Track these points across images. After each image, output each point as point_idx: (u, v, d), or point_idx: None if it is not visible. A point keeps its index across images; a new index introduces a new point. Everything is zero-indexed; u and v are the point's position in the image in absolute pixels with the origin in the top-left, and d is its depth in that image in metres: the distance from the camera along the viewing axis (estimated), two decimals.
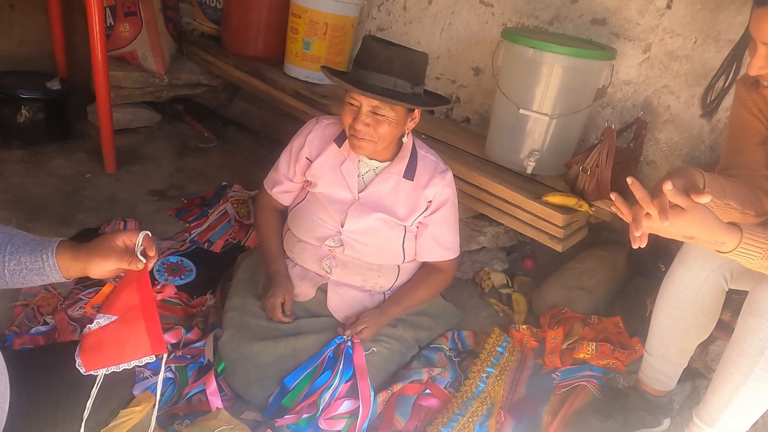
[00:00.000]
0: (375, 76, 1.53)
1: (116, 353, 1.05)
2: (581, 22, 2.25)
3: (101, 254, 1.05)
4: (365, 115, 1.56)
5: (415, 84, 1.58)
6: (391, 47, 1.55)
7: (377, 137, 1.59)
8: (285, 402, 1.54)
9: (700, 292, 1.45)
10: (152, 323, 1.04)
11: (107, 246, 1.06)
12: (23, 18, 2.97)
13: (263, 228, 1.87)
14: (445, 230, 1.77)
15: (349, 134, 1.64)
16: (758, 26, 1.17)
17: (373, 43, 1.55)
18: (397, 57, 1.54)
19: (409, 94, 1.57)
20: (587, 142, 2.31)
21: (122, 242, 1.07)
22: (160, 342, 1.05)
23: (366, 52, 1.56)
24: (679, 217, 1.03)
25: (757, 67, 1.20)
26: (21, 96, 2.70)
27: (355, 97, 1.56)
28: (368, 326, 1.64)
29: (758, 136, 1.37)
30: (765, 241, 1.08)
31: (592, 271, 2.09)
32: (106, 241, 1.07)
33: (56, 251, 1.05)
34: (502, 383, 1.76)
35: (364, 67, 1.56)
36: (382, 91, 1.52)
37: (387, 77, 1.53)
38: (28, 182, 2.50)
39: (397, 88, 1.55)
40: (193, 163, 2.93)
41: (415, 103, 1.56)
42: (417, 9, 2.78)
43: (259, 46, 3.00)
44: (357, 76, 1.57)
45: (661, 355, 1.54)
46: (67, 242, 1.09)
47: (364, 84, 1.54)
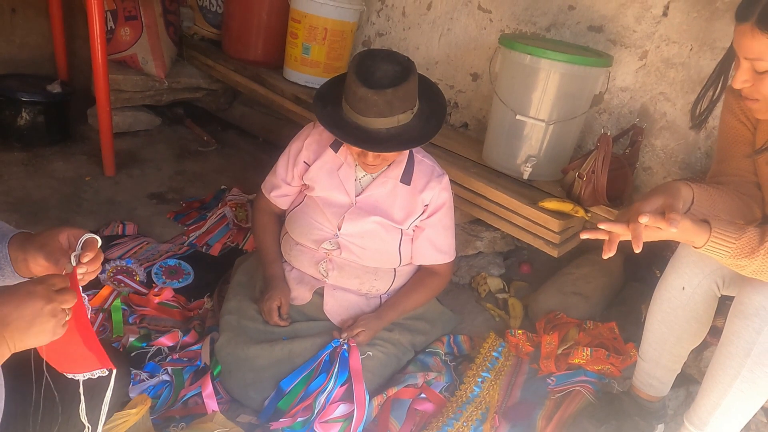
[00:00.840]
0: (376, 121, 1.53)
1: (66, 364, 0.96)
2: (578, 29, 2.27)
3: (36, 246, 0.95)
4: (373, 155, 1.60)
5: (413, 107, 1.59)
6: (387, 91, 1.48)
7: (387, 162, 1.67)
8: (281, 405, 1.55)
9: (692, 297, 1.45)
10: (88, 336, 0.92)
11: (47, 238, 0.96)
12: (24, 22, 2.99)
13: (261, 232, 1.88)
14: (442, 234, 1.78)
15: (359, 161, 1.68)
16: (739, 41, 1.19)
17: (366, 91, 1.48)
18: (395, 97, 1.50)
19: (412, 120, 1.59)
20: (584, 148, 2.32)
21: (66, 239, 0.96)
22: (103, 355, 0.94)
23: (361, 101, 1.51)
24: (653, 236, 1.13)
25: (740, 81, 1.23)
26: (22, 99, 2.71)
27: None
28: (365, 330, 1.65)
29: (746, 144, 1.39)
30: (733, 240, 1.11)
31: (588, 277, 2.10)
32: (50, 233, 0.96)
33: (10, 240, 0.97)
34: (497, 388, 1.76)
35: (363, 114, 1.53)
36: (388, 134, 1.54)
37: (388, 119, 1.54)
38: (28, 185, 2.51)
39: (400, 123, 1.56)
40: (193, 166, 2.95)
41: (421, 137, 1.58)
42: (416, 15, 2.79)
43: (259, 51, 3.01)
44: (357, 122, 1.55)
45: (655, 361, 1.55)
46: (25, 233, 1.00)
47: (370, 134, 1.54)
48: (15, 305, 0.80)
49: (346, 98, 1.57)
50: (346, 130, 1.55)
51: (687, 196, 1.18)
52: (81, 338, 0.91)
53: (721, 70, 1.40)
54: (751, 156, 1.38)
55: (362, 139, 1.53)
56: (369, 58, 1.54)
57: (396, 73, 1.52)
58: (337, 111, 1.60)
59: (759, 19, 1.13)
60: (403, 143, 1.56)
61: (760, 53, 1.15)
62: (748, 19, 1.15)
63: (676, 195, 1.16)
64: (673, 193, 1.16)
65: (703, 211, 1.19)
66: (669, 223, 1.07)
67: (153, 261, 2.13)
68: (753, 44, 1.16)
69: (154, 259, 2.15)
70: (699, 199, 1.18)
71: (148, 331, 1.81)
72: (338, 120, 1.57)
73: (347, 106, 1.57)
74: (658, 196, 1.14)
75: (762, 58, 1.16)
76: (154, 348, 1.73)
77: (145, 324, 1.86)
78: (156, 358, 1.71)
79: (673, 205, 1.12)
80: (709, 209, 1.20)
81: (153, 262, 2.12)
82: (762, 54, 1.15)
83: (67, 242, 0.96)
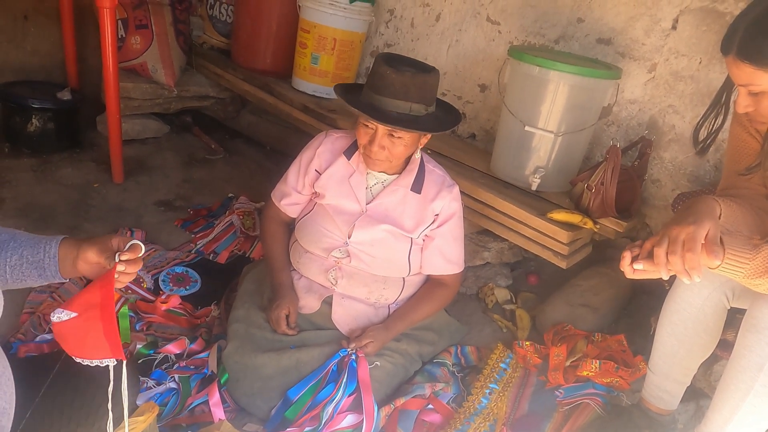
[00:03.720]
0: (390, 102, 1.55)
1: (76, 348, 1.04)
2: (587, 42, 2.28)
3: (90, 242, 1.05)
4: (381, 137, 1.59)
5: (428, 105, 1.61)
6: (406, 73, 1.55)
7: (393, 157, 1.64)
8: (288, 414, 1.54)
9: (702, 310, 1.45)
10: (109, 326, 1.01)
11: (100, 239, 1.06)
12: (36, 29, 3.01)
13: (270, 240, 1.88)
14: (451, 244, 1.78)
15: (363, 153, 1.68)
16: (730, 71, 1.28)
17: (387, 68, 1.54)
18: (412, 82, 1.54)
19: (424, 116, 1.60)
20: (592, 159, 2.32)
21: (116, 243, 1.07)
22: (118, 346, 1.02)
23: (380, 78, 1.56)
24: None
25: (742, 106, 1.29)
26: (32, 106, 2.74)
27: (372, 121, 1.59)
28: (373, 341, 1.65)
29: (756, 156, 1.39)
30: (747, 261, 1.10)
31: (596, 289, 2.09)
32: (103, 237, 1.07)
33: (60, 243, 1.06)
34: (505, 399, 1.75)
35: (378, 93, 1.57)
36: (399, 117, 1.56)
37: (402, 103, 1.56)
38: (37, 190, 2.52)
39: (412, 112, 1.57)
40: (200, 174, 2.96)
41: (431, 128, 1.60)
42: (425, 26, 2.81)
43: (268, 60, 3.03)
44: (372, 101, 1.59)
45: (665, 374, 1.54)
46: (70, 238, 1.09)
47: (382, 112, 1.56)
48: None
49: (368, 81, 1.62)
50: (358, 102, 1.59)
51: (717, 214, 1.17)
52: (102, 327, 0.99)
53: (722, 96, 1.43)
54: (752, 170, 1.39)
55: (371, 111, 1.55)
56: (398, 56, 1.64)
57: (420, 67, 1.60)
58: (356, 95, 1.65)
59: (738, 50, 1.22)
60: (409, 125, 1.56)
61: (748, 80, 1.23)
62: (730, 52, 1.24)
63: (714, 217, 1.14)
64: (712, 215, 1.13)
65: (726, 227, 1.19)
66: (712, 256, 1.06)
67: (160, 268, 2.14)
68: (740, 73, 1.24)
69: (161, 266, 2.15)
70: (725, 215, 1.18)
71: (155, 338, 1.81)
72: (353, 97, 1.63)
73: (366, 88, 1.62)
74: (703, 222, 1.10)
75: (752, 83, 1.23)
76: (161, 355, 1.73)
77: (152, 331, 1.85)
78: (163, 365, 1.70)
79: (714, 236, 1.09)
80: (732, 225, 1.20)
81: (160, 269, 2.12)
82: (751, 80, 1.23)
83: (117, 245, 1.06)
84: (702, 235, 1.08)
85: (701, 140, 1.55)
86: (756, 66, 1.19)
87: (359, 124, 1.63)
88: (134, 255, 1.03)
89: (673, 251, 1.08)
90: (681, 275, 1.08)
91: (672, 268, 1.09)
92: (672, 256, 1.08)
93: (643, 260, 1.12)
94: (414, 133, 1.60)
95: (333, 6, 2.67)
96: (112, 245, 1.05)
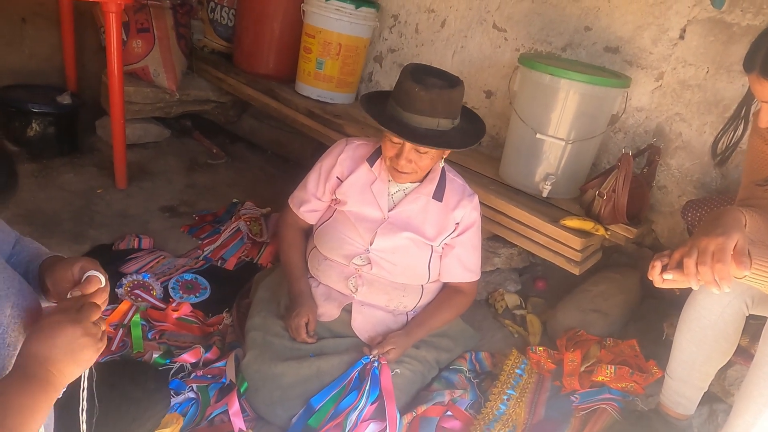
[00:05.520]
0: (418, 118, 1.56)
1: None
2: (594, 50, 2.31)
3: (49, 274, 0.99)
4: (408, 151, 1.60)
5: (454, 119, 1.62)
6: (434, 89, 1.54)
7: (419, 169, 1.65)
8: (311, 422, 1.54)
9: (722, 317, 1.47)
10: None
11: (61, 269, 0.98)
12: (34, 32, 2.97)
13: (287, 247, 1.87)
14: (471, 253, 1.79)
15: (390, 166, 1.68)
16: (753, 88, 1.29)
17: (415, 85, 1.54)
18: (440, 98, 1.54)
19: (451, 130, 1.61)
20: (599, 166, 2.35)
21: (77, 271, 0.98)
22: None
23: (407, 94, 1.56)
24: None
25: (765, 120, 1.31)
26: (32, 110, 2.69)
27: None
28: (395, 347, 1.65)
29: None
30: None
31: (606, 294, 2.12)
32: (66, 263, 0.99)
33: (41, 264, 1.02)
34: (523, 405, 1.77)
35: (406, 109, 1.56)
36: (427, 134, 1.56)
37: (430, 119, 1.56)
38: (40, 197, 2.48)
39: (440, 127, 1.58)
40: (203, 179, 2.94)
41: (459, 143, 1.61)
42: (429, 32, 2.82)
43: (271, 65, 3.02)
44: (399, 116, 1.58)
45: (683, 379, 1.57)
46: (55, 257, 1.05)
47: (410, 128, 1.56)
48: (50, 342, 0.82)
49: (394, 95, 1.62)
50: (387, 120, 1.59)
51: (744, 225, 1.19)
52: None
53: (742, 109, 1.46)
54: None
55: (400, 129, 1.56)
56: (423, 67, 1.62)
57: (446, 81, 1.59)
58: (382, 109, 1.65)
59: (761, 69, 1.23)
60: (438, 142, 1.57)
61: None
62: (753, 70, 1.25)
63: (741, 228, 1.15)
64: (739, 226, 1.15)
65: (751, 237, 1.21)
66: (740, 266, 1.08)
67: (169, 275, 2.12)
68: (763, 90, 1.25)
69: (170, 274, 2.13)
70: (749, 226, 1.20)
71: (168, 347, 1.79)
72: (381, 113, 1.63)
73: (393, 103, 1.61)
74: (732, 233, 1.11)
75: None
76: (176, 365, 1.71)
77: (164, 340, 1.84)
78: (179, 374, 1.69)
79: (743, 247, 1.11)
80: (755, 235, 1.22)
81: (169, 277, 2.11)
82: None
83: (77, 275, 0.97)
84: (731, 246, 1.10)
85: (719, 152, 1.58)
86: None
87: (385, 138, 1.63)
88: (89, 290, 0.93)
89: (702, 262, 1.10)
90: (710, 285, 1.10)
91: (702, 279, 1.11)
92: (702, 266, 1.10)
93: (673, 270, 1.14)
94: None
95: (338, 11, 2.67)
96: (72, 275, 0.97)
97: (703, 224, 1.19)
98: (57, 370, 0.82)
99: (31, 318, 0.93)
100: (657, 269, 1.17)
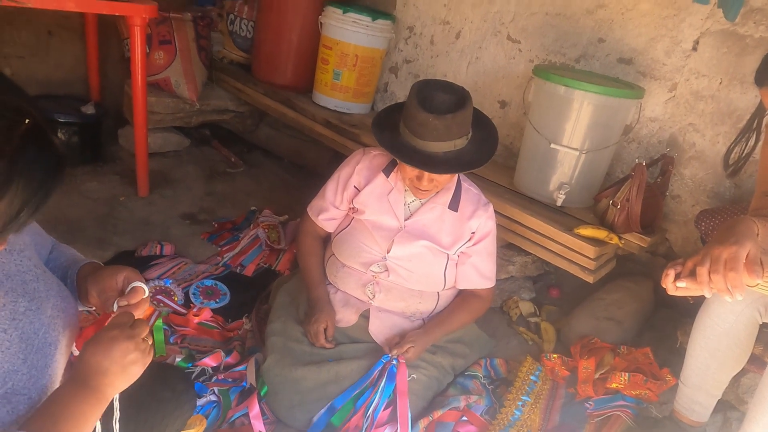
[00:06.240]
0: (435, 145, 1.59)
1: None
2: (608, 61, 2.34)
3: (93, 282, 1.03)
4: (429, 174, 1.63)
5: (467, 133, 1.65)
6: (447, 115, 1.55)
7: (440, 185, 1.70)
8: (334, 420, 1.58)
9: (735, 325, 1.50)
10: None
11: (106, 277, 1.03)
12: (60, 44, 3.06)
13: (306, 254, 1.92)
14: (486, 260, 1.83)
15: (411, 186, 1.71)
16: (765, 101, 1.33)
17: (428, 115, 1.54)
18: (454, 122, 1.57)
19: (467, 146, 1.64)
20: (613, 176, 2.37)
21: (121, 280, 1.02)
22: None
23: (423, 125, 1.57)
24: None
25: None
26: (58, 120, 2.77)
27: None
28: (413, 346, 1.69)
29: None
30: None
31: (620, 302, 2.14)
32: (111, 272, 1.03)
33: (79, 270, 1.06)
34: (537, 411, 1.79)
35: (422, 138, 1.58)
36: (446, 158, 1.60)
37: (446, 143, 1.59)
38: (64, 204, 2.55)
39: (456, 147, 1.62)
40: (222, 187, 3.00)
41: (478, 161, 1.64)
42: (444, 43, 2.87)
43: (288, 75, 3.09)
44: (415, 145, 1.60)
45: (697, 386, 1.58)
46: (94, 264, 1.09)
47: (430, 157, 1.60)
48: (105, 354, 0.87)
49: (406, 123, 1.63)
50: (405, 152, 1.61)
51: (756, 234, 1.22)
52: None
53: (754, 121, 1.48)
54: None
55: (422, 162, 1.59)
56: (427, 87, 1.61)
57: (454, 100, 1.60)
58: (395, 136, 1.66)
59: None
60: (460, 166, 1.62)
61: None
62: (765, 84, 1.30)
63: (754, 238, 1.17)
64: (752, 235, 1.17)
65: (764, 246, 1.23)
66: (753, 275, 1.10)
67: (190, 281, 2.17)
68: None
69: (191, 280, 2.18)
70: (762, 235, 1.22)
71: (190, 351, 1.84)
72: (397, 144, 1.64)
73: (406, 131, 1.62)
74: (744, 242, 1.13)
75: None
76: (198, 368, 1.76)
77: (186, 344, 1.89)
78: (200, 378, 1.74)
79: (755, 255, 1.13)
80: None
81: (190, 282, 2.16)
82: None
83: (121, 284, 1.02)
84: (743, 254, 1.13)
85: (731, 163, 1.61)
86: None
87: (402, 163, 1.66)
88: (134, 300, 0.98)
89: (715, 270, 1.12)
90: (723, 293, 1.13)
91: (714, 287, 1.13)
92: (714, 275, 1.12)
93: (686, 278, 1.17)
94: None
95: (355, 23, 2.73)
96: (116, 283, 1.02)
97: (717, 233, 1.22)
98: (109, 382, 0.88)
99: (70, 319, 0.98)
100: (670, 277, 1.20)
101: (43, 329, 0.90)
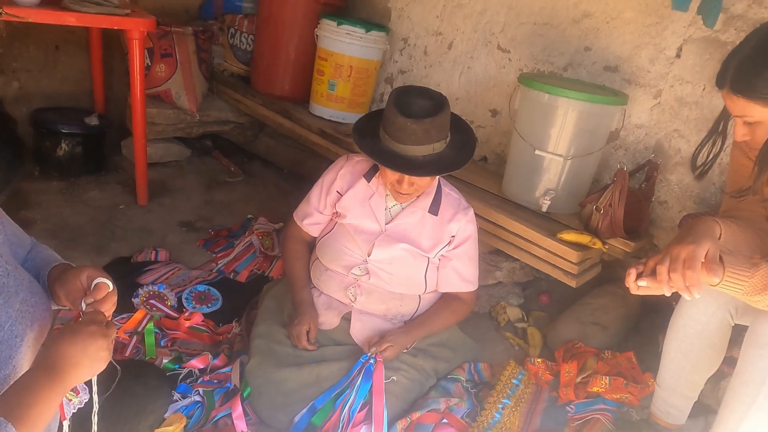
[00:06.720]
0: (415, 149, 1.63)
1: None
2: (594, 69, 2.37)
3: (60, 284, 1.08)
4: (409, 178, 1.68)
5: (446, 137, 1.69)
6: (425, 120, 1.59)
7: (421, 189, 1.74)
8: (314, 420, 1.60)
9: (707, 327, 1.50)
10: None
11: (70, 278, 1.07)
12: (66, 58, 3.16)
13: (291, 258, 1.96)
14: (467, 264, 1.85)
15: (392, 190, 1.75)
16: (726, 103, 1.38)
17: (406, 120, 1.59)
18: (432, 126, 1.61)
19: (446, 149, 1.68)
20: (600, 182, 2.39)
21: (85, 279, 1.07)
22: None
23: (401, 130, 1.61)
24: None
25: (740, 134, 1.38)
26: (62, 131, 2.86)
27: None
28: (392, 345, 1.71)
29: None
30: (746, 278, 1.16)
31: (606, 307, 2.15)
32: (74, 272, 1.07)
33: (50, 271, 1.12)
34: (517, 414, 1.80)
35: (402, 142, 1.63)
36: (425, 162, 1.64)
37: (426, 147, 1.64)
38: (66, 212, 2.63)
39: (435, 150, 1.66)
40: (221, 196, 3.06)
41: (456, 163, 1.68)
42: (437, 54, 2.92)
43: (286, 87, 3.15)
44: (395, 149, 1.65)
45: (672, 388, 1.59)
46: (64, 265, 1.15)
47: (409, 161, 1.64)
48: (81, 347, 0.93)
49: (385, 129, 1.67)
50: (386, 156, 1.65)
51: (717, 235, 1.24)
52: None
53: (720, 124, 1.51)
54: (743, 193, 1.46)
55: (402, 165, 1.63)
56: (405, 93, 1.66)
57: (431, 105, 1.64)
58: (376, 142, 1.71)
59: (731, 85, 1.32)
60: (439, 169, 1.66)
61: (742, 111, 1.33)
62: (724, 86, 1.34)
63: (714, 237, 1.20)
64: (712, 235, 1.20)
65: (728, 247, 1.25)
66: (711, 274, 1.13)
67: (183, 286, 2.22)
68: (734, 105, 1.34)
69: (184, 285, 2.23)
70: (725, 236, 1.25)
71: (179, 353, 1.89)
72: (378, 149, 1.68)
73: (386, 136, 1.67)
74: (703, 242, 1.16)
75: (746, 114, 1.33)
76: (185, 370, 1.80)
77: (176, 347, 1.93)
78: (188, 379, 1.77)
79: (714, 255, 1.16)
80: (733, 245, 1.26)
81: (183, 288, 2.21)
82: (744, 111, 1.32)
83: (86, 283, 1.07)
84: (701, 253, 1.15)
85: (699, 165, 1.64)
86: (748, 99, 1.29)
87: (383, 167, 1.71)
88: (100, 295, 1.03)
89: (674, 269, 1.15)
90: (682, 292, 1.15)
91: (674, 285, 1.16)
92: (673, 273, 1.15)
93: (647, 277, 1.19)
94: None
95: (349, 35, 2.79)
96: (81, 283, 1.06)
97: (678, 233, 1.25)
98: (77, 373, 0.93)
99: (40, 314, 1.03)
100: (632, 276, 1.22)
101: (9, 322, 0.95)
